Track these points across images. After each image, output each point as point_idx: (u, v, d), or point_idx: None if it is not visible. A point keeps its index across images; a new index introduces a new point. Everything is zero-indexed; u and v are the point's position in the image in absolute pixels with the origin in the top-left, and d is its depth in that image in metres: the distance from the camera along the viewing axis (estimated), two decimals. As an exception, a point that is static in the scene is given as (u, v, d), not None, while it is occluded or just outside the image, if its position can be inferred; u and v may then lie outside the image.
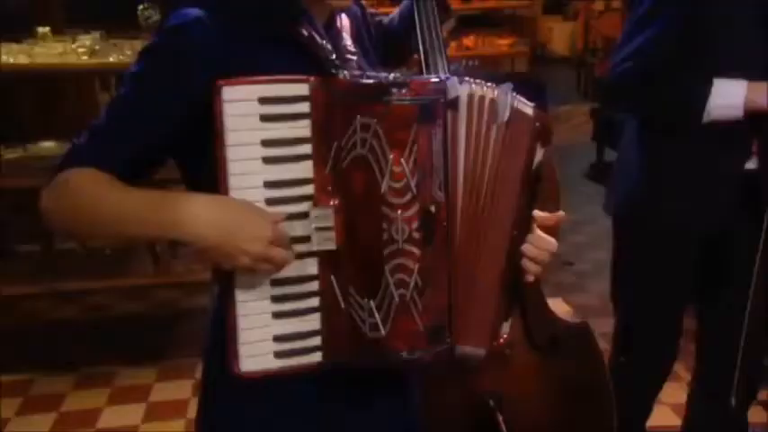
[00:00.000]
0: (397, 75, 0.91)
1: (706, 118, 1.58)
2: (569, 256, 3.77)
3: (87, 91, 3.75)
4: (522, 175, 0.98)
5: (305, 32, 0.94)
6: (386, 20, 1.62)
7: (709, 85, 1.57)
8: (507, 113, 0.95)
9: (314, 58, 0.93)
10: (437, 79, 0.92)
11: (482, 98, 0.94)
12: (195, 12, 0.93)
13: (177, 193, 0.91)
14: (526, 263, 1.00)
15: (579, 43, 7.85)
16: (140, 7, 3.04)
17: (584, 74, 7.36)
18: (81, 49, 2.82)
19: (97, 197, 0.89)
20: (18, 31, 3.02)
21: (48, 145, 3.02)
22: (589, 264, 3.73)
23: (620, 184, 1.85)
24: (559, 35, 8.79)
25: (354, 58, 1.02)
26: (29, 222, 2.65)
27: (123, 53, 2.82)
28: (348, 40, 1.04)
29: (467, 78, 0.94)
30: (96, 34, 2.94)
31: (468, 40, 6.09)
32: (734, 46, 1.58)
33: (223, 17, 0.93)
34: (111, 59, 2.82)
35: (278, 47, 0.94)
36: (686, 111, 1.61)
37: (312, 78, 0.88)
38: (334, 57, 0.95)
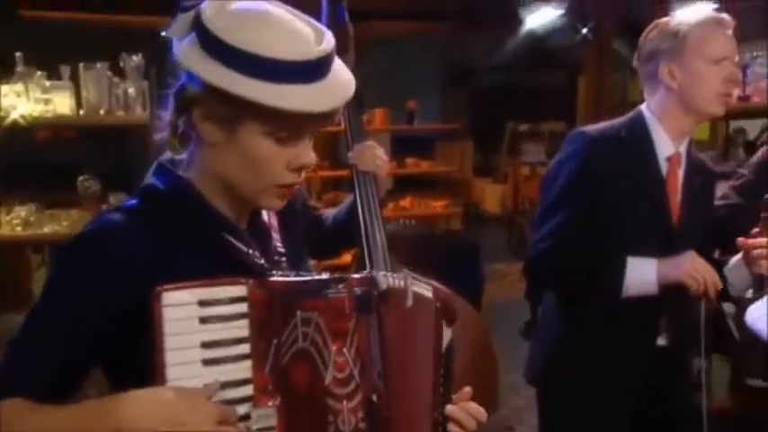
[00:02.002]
0: (328, 274, 0.96)
1: (624, 294, 1.69)
2: (510, 421, 3.72)
3: (19, 257, 3.68)
4: (436, 354, 1.02)
5: (227, 240, 0.98)
6: (324, 215, 1.73)
7: (623, 263, 1.68)
8: (411, 301, 1.00)
9: (240, 263, 0.97)
10: (369, 274, 0.97)
11: (396, 288, 0.99)
12: (116, 217, 0.96)
13: (109, 398, 0.88)
14: None
15: (509, 204, 8.27)
16: (80, 178, 3.09)
17: (515, 233, 7.70)
18: (15, 221, 2.82)
19: (27, 429, 0.86)
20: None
21: (-30, 316, 2.90)
22: (531, 428, 3.68)
23: (542, 352, 1.91)
24: (491, 195, 9.27)
25: (284, 259, 1.06)
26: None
27: (59, 224, 2.82)
28: (278, 241, 1.08)
29: (385, 273, 1.00)
30: (32, 205, 2.95)
31: (405, 202, 6.35)
32: (632, 228, 1.72)
33: (145, 223, 0.95)
34: (45, 230, 2.81)
35: (202, 252, 0.96)
36: (605, 288, 1.71)
37: (250, 280, 0.90)
38: (262, 261, 0.99)
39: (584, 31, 5.27)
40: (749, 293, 1.71)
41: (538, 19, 5.74)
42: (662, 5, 4.63)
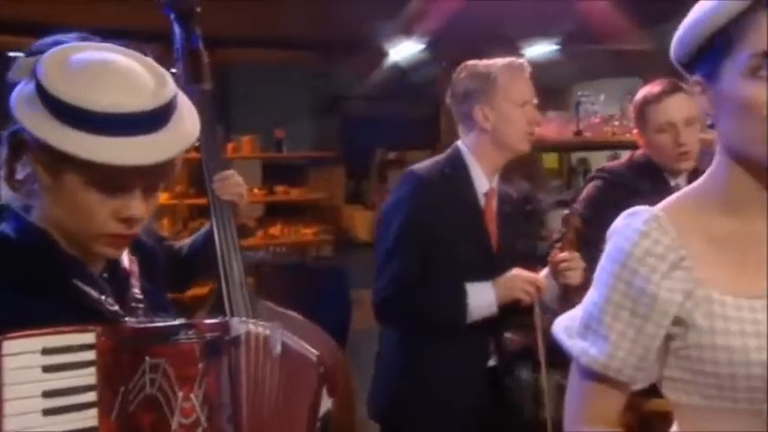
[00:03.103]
0: (183, 320, 0.98)
1: (469, 320, 1.82)
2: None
3: None
4: (311, 415, 1.05)
5: (78, 286, 0.97)
6: (177, 246, 1.72)
7: (463, 292, 1.82)
8: (279, 348, 1.03)
9: (91, 310, 0.96)
10: (220, 320, 1.00)
11: (257, 336, 1.01)
12: None
13: None
14: None
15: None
16: None
17: (385, 258, 7.82)
18: None
19: None
20: None
21: None
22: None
23: (384, 388, 1.98)
24: (361, 222, 9.38)
25: (141, 305, 1.06)
26: None
27: None
28: (136, 287, 1.08)
29: (244, 319, 1.04)
30: None
31: (275, 229, 6.32)
32: (461, 259, 1.88)
33: None
34: None
35: (52, 300, 0.95)
36: (452, 318, 1.84)
37: (98, 327, 0.90)
38: (115, 308, 0.98)
39: (444, 64, 5.55)
40: (556, 303, 1.90)
41: (400, 52, 5.99)
42: (512, 43, 4.99)
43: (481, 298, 1.82)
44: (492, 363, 1.92)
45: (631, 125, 2.27)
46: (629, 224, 0.97)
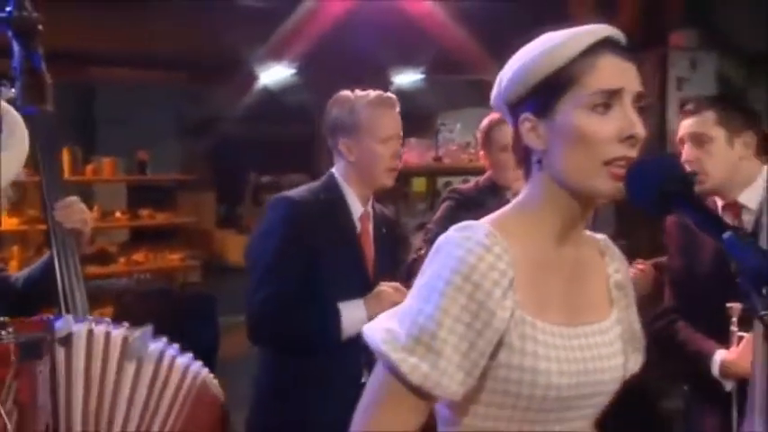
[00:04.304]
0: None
1: (343, 336, 1.84)
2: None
3: None
4: None
5: None
6: (13, 277, 1.62)
7: (337, 311, 1.84)
8: (147, 352, 0.99)
9: None
10: (43, 317, 0.95)
11: (107, 335, 0.97)
12: None
13: None
14: None
15: (252, 255, 8.24)
16: None
17: (258, 284, 7.68)
18: None
19: None
20: None
21: None
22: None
23: (261, 409, 1.96)
24: (234, 247, 9.17)
25: None
26: None
27: None
28: None
29: (90, 317, 0.98)
30: None
31: (139, 255, 6.05)
32: (337, 280, 1.89)
33: None
34: None
35: None
36: (326, 338, 1.85)
37: None
38: None
39: (317, 90, 5.60)
40: None
41: (271, 76, 5.97)
42: (380, 70, 5.13)
43: (353, 315, 1.84)
44: (365, 379, 1.94)
45: (484, 152, 2.41)
46: (469, 237, 0.94)
